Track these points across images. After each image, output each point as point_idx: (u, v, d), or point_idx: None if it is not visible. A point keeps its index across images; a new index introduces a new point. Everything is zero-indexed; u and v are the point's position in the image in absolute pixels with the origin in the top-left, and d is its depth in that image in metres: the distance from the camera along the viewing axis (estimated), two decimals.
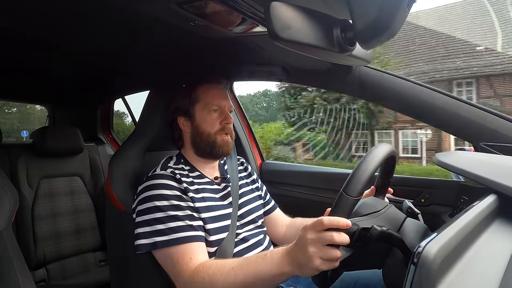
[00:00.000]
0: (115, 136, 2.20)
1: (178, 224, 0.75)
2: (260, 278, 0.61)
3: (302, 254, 0.55)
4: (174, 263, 0.72)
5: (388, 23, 0.49)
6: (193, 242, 0.74)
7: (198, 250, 0.74)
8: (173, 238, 0.73)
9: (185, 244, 0.73)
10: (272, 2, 0.49)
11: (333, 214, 0.55)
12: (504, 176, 0.57)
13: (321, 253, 0.53)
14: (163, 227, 0.74)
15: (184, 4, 0.66)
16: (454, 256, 0.39)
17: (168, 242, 0.73)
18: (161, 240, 0.73)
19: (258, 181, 1.07)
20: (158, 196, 0.77)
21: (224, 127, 0.89)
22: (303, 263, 0.55)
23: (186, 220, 0.76)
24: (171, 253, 0.73)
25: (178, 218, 0.76)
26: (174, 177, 0.82)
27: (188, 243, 0.74)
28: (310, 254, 0.53)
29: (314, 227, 0.54)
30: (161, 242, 0.73)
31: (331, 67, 0.98)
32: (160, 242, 0.73)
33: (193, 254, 0.73)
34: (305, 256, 0.54)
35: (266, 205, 1.05)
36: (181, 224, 0.75)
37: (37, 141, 1.57)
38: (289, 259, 0.58)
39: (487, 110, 0.84)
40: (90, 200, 1.70)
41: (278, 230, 1.03)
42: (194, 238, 0.75)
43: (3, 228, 0.73)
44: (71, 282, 1.51)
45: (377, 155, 0.60)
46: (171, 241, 0.73)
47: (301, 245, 0.56)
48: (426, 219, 0.70)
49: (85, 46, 1.02)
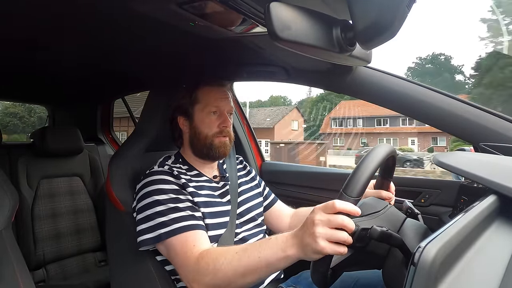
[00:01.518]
0: (115, 136, 2.20)
1: (180, 214, 0.75)
2: (264, 261, 0.60)
3: (308, 235, 0.54)
4: (178, 252, 0.72)
5: (388, 23, 0.49)
6: (196, 230, 0.75)
7: (201, 237, 0.74)
8: (176, 227, 0.73)
9: (188, 232, 0.73)
10: (272, 2, 0.49)
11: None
12: (504, 176, 0.57)
13: (328, 235, 0.52)
14: (165, 219, 0.74)
15: (184, 4, 0.66)
16: (454, 256, 0.39)
17: (171, 232, 0.73)
18: (165, 232, 0.73)
19: (257, 178, 1.07)
20: (157, 190, 0.78)
21: (222, 130, 0.89)
22: (308, 243, 0.54)
23: (187, 210, 0.77)
24: (175, 243, 0.73)
25: (179, 209, 0.76)
26: (171, 173, 0.82)
27: (191, 231, 0.74)
28: (317, 234, 0.52)
29: (325, 208, 0.54)
30: (165, 234, 0.73)
31: (331, 67, 0.98)
32: (164, 234, 0.73)
33: (196, 241, 0.72)
34: (311, 237, 0.53)
35: (267, 199, 1.05)
36: (182, 214, 0.75)
37: (37, 141, 1.57)
38: (294, 241, 0.58)
39: (487, 110, 0.84)
40: (90, 200, 1.70)
41: (283, 221, 1.04)
42: (197, 227, 0.75)
43: (3, 228, 0.73)
44: (71, 282, 1.50)
45: (377, 155, 0.60)
46: (175, 230, 0.73)
47: (308, 226, 0.55)
48: (426, 220, 0.70)
49: (85, 46, 1.03)
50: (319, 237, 0.52)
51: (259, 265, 0.61)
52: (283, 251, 0.58)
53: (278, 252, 0.59)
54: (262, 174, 1.48)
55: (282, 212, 1.05)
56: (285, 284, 0.89)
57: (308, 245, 0.54)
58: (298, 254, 0.57)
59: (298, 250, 0.57)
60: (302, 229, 0.57)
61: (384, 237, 0.53)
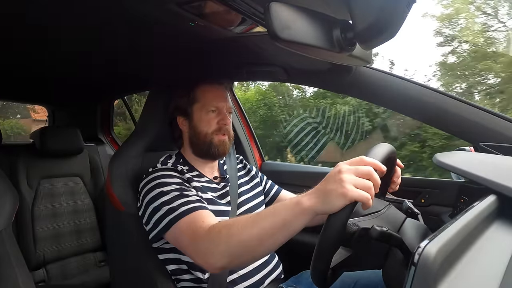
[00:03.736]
0: (115, 136, 2.20)
1: (186, 199, 0.74)
2: (280, 220, 0.56)
3: (333, 182, 0.51)
4: (187, 232, 0.69)
5: (388, 23, 0.49)
6: (203, 210, 0.73)
7: (209, 215, 0.72)
8: (184, 209, 0.72)
9: (196, 212, 0.71)
10: (272, 2, 0.49)
11: None
12: (504, 176, 0.57)
13: (356, 181, 0.50)
14: (173, 205, 0.73)
15: (183, 4, 0.66)
16: (454, 256, 0.39)
17: (180, 214, 0.71)
18: (173, 216, 0.71)
19: (258, 175, 1.06)
20: (161, 183, 0.77)
21: (221, 127, 0.89)
22: (332, 189, 0.50)
23: (193, 196, 0.76)
24: (184, 224, 0.70)
25: (185, 195, 0.75)
26: (175, 169, 0.82)
27: (199, 210, 0.72)
28: (344, 179, 0.50)
29: (352, 162, 0.53)
30: (174, 218, 0.71)
31: (331, 68, 0.98)
32: (173, 218, 0.71)
33: (205, 218, 0.70)
34: (337, 182, 0.50)
35: (270, 193, 1.04)
36: (188, 198, 0.75)
37: (37, 141, 1.57)
38: (312, 193, 0.54)
39: (487, 110, 0.84)
40: (90, 201, 1.70)
41: None
42: (204, 207, 0.74)
43: (3, 228, 0.73)
44: (71, 283, 1.51)
45: (377, 155, 0.60)
46: (183, 212, 0.71)
47: (333, 174, 0.52)
48: (426, 219, 0.69)
49: (85, 46, 1.02)
50: (346, 182, 0.50)
51: (275, 224, 0.56)
52: (298, 205, 0.54)
53: (294, 207, 0.55)
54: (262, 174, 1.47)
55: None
56: (285, 284, 0.89)
57: (332, 191, 0.51)
58: (317, 204, 0.52)
59: (317, 200, 0.52)
60: (325, 180, 0.54)
61: (384, 237, 0.53)
